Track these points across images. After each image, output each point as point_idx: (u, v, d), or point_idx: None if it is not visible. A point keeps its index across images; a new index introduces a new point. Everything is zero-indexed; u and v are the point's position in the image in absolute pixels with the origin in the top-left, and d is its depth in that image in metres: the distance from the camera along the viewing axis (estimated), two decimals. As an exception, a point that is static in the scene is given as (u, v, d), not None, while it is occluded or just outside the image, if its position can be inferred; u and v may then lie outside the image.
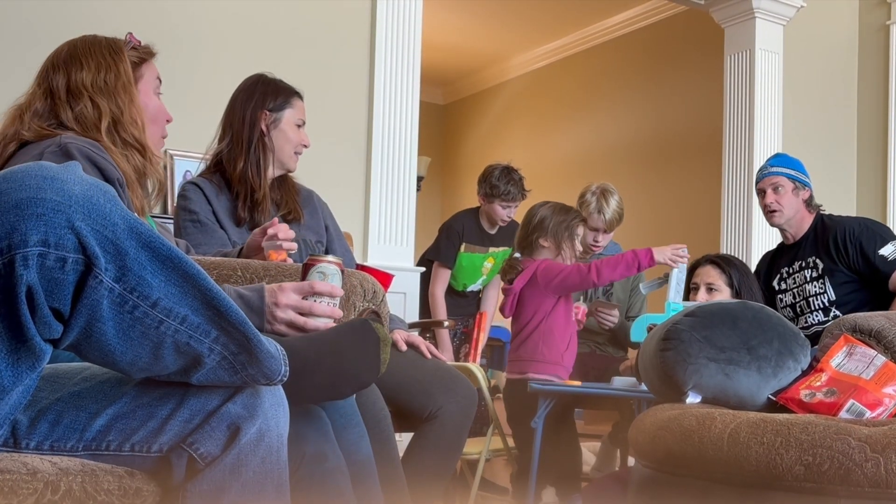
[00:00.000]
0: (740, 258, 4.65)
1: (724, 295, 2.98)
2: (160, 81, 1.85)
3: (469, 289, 3.95)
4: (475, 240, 3.90)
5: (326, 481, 1.48)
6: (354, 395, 1.73)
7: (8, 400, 1.01)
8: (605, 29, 6.59)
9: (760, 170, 3.37)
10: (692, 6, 5.20)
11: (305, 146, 2.40)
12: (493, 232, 3.94)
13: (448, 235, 3.91)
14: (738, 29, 4.98)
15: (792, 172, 3.25)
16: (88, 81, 1.66)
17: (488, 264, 3.93)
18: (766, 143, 4.85)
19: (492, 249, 3.94)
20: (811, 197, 3.27)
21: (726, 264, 3.04)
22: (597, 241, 3.51)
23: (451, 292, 3.94)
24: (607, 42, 6.63)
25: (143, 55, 1.80)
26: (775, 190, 3.24)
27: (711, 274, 3.01)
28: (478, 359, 3.79)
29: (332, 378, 1.39)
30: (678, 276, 2.92)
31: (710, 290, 2.98)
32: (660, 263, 2.91)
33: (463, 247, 3.88)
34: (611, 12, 6.41)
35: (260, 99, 2.36)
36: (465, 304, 3.98)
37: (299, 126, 2.39)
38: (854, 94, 5.33)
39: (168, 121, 1.88)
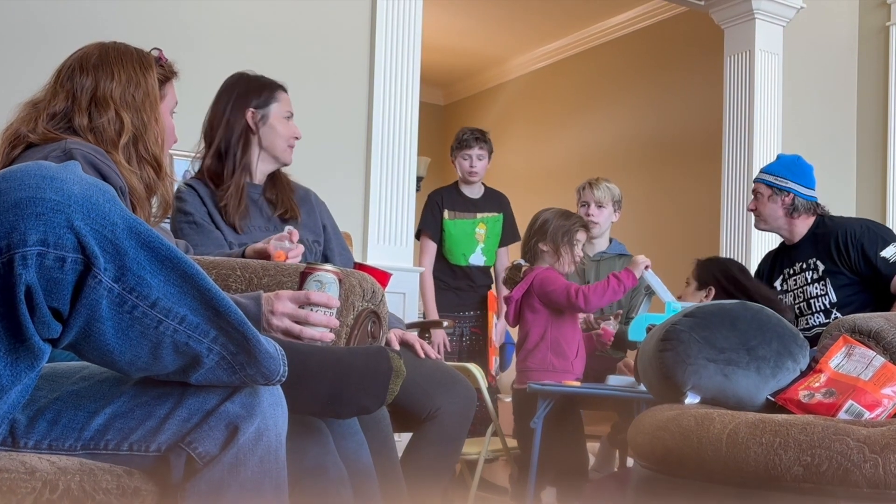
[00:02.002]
0: (740, 258, 4.68)
1: (691, 288, 3.03)
2: (176, 103, 1.85)
3: (470, 262, 3.88)
4: (458, 206, 3.88)
5: (328, 494, 1.48)
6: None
7: (6, 399, 1.01)
8: (604, 30, 6.59)
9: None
10: (692, 7, 5.20)
11: (297, 138, 2.39)
12: (476, 197, 3.91)
13: (430, 207, 3.90)
14: (737, 30, 4.98)
15: (770, 178, 3.25)
16: (117, 94, 1.64)
17: (481, 230, 3.89)
18: (766, 144, 4.85)
19: (480, 215, 3.91)
20: (794, 201, 3.21)
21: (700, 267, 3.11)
22: (589, 215, 3.53)
23: (459, 288, 3.91)
24: (607, 43, 6.63)
25: (168, 74, 1.78)
26: (755, 197, 3.28)
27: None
28: (498, 345, 3.78)
29: (332, 392, 1.39)
30: (652, 278, 2.95)
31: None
32: (640, 276, 2.97)
33: (446, 213, 3.86)
34: (610, 13, 6.41)
35: (243, 98, 2.36)
36: (474, 301, 3.95)
37: (288, 118, 2.38)
38: (854, 95, 5.33)
39: (174, 141, 1.87)
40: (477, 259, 3.90)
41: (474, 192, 3.93)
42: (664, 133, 6.06)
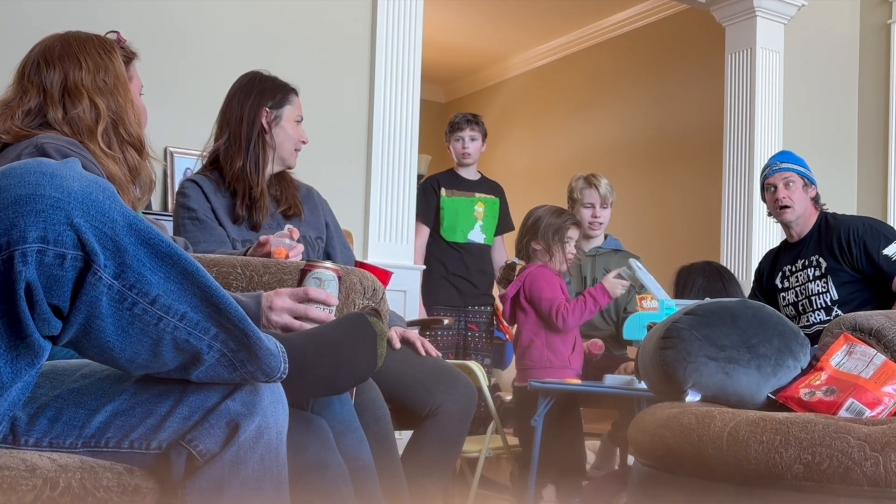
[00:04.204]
0: (741, 255, 4.68)
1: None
2: (142, 85, 1.84)
3: (469, 238, 3.90)
4: (456, 186, 3.93)
5: (329, 489, 1.48)
6: (353, 400, 1.73)
7: (7, 396, 1.01)
8: (605, 27, 6.59)
9: (769, 166, 3.34)
10: (693, 5, 5.19)
11: (304, 142, 2.40)
12: (473, 179, 3.97)
13: (423, 191, 3.94)
14: (739, 27, 4.98)
15: (801, 169, 3.27)
16: (88, 81, 1.63)
17: (479, 208, 3.92)
18: (767, 141, 4.85)
19: (478, 195, 3.94)
20: (817, 195, 3.28)
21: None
22: (596, 217, 3.53)
23: (459, 275, 3.91)
24: (608, 40, 6.62)
25: (130, 55, 1.77)
26: (787, 185, 3.24)
27: None
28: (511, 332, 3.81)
29: (330, 372, 1.39)
30: (644, 276, 2.97)
31: None
32: (639, 290, 3.04)
33: (443, 192, 3.89)
34: (611, 10, 6.40)
35: (258, 97, 2.35)
36: (479, 294, 3.95)
37: (298, 122, 2.39)
38: (855, 92, 5.32)
39: (146, 122, 1.86)
40: (476, 236, 3.92)
41: (471, 174, 3.98)
42: (665, 130, 6.05)
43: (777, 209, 3.27)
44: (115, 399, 1.11)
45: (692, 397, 1.87)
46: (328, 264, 1.56)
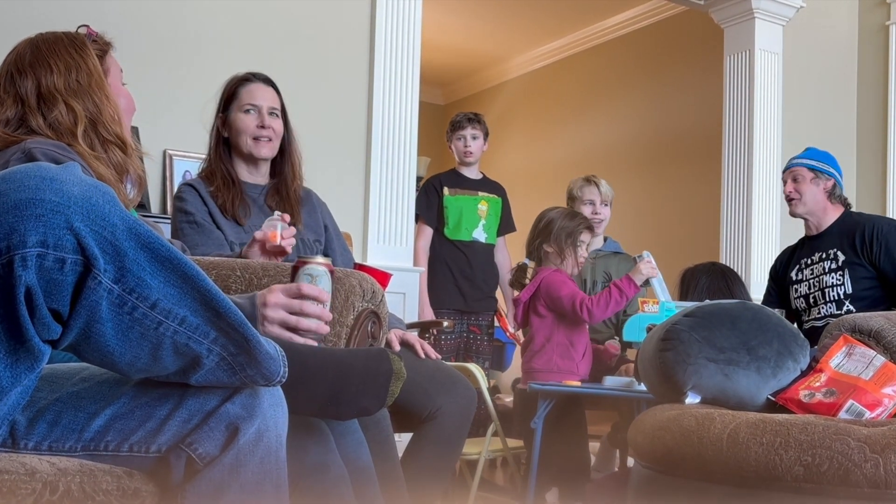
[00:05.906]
0: (740, 257, 4.69)
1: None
2: (122, 71, 1.82)
3: (474, 236, 3.92)
4: (459, 185, 3.94)
5: (328, 492, 1.48)
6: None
7: (6, 400, 1.01)
8: (604, 29, 6.59)
9: (787, 162, 3.48)
10: (692, 6, 5.19)
11: (262, 127, 2.36)
12: (476, 178, 3.98)
13: (426, 191, 3.95)
14: (737, 29, 4.98)
15: (811, 162, 3.35)
16: (61, 84, 1.61)
17: (483, 207, 3.94)
18: (766, 143, 4.85)
19: (481, 193, 3.96)
20: (835, 187, 3.32)
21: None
22: (597, 213, 3.54)
23: (467, 278, 3.91)
24: (607, 42, 6.62)
25: (104, 47, 1.75)
26: (794, 180, 3.34)
27: None
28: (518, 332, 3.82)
29: (332, 393, 1.39)
30: (658, 283, 2.98)
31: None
32: (641, 284, 3.01)
33: (446, 191, 3.90)
34: (610, 13, 6.40)
35: (220, 105, 2.42)
36: (482, 298, 3.94)
37: (247, 112, 2.37)
38: (854, 94, 5.33)
39: (134, 110, 1.85)
40: (479, 234, 3.94)
41: (473, 173, 4.00)
42: (664, 132, 6.05)
43: (788, 202, 3.39)
44: (115, 402, 1.10)
45: (692, 399, 1.87)
46: (319, 259, 1.56)
